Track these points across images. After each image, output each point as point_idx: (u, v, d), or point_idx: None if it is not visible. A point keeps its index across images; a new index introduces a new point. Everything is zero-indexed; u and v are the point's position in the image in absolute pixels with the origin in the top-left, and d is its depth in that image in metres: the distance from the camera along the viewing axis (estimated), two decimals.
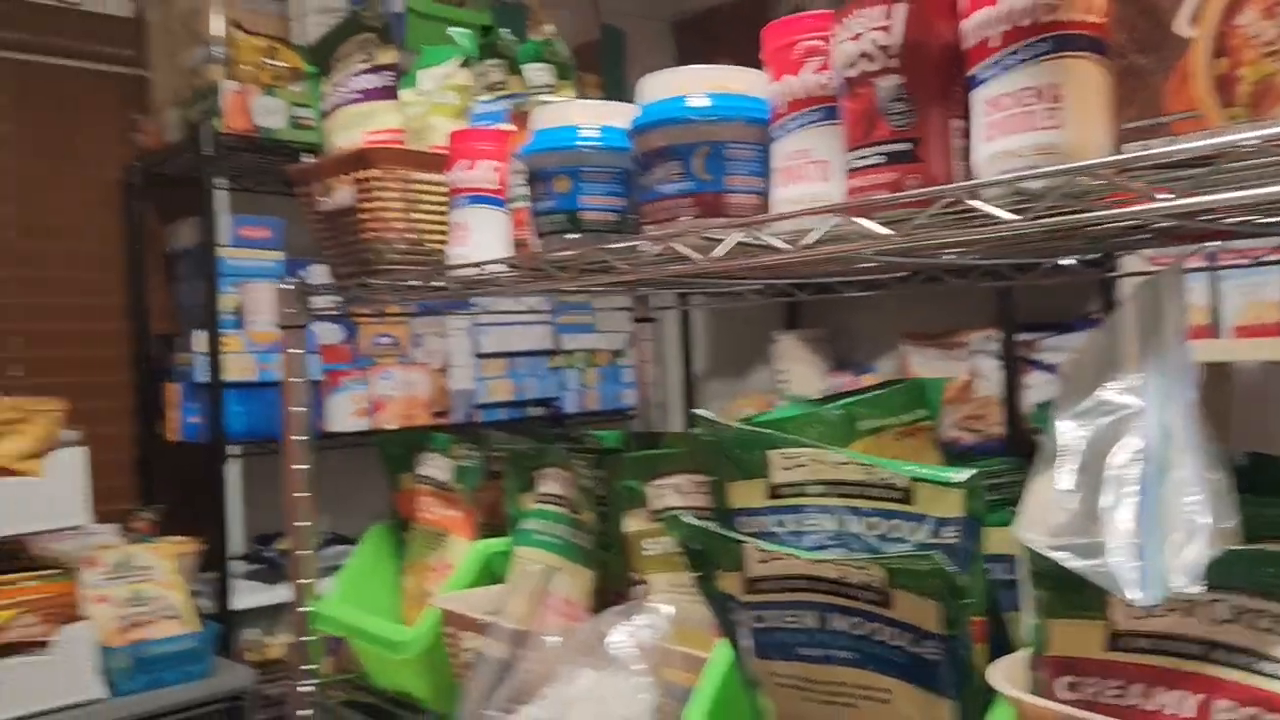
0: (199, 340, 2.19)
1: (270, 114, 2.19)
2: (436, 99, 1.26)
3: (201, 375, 2.18)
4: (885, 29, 0.67)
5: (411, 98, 1.29)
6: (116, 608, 1.94)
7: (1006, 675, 0.60)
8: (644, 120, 0.84)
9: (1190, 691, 0.54)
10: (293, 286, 1.25)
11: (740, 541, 0.69)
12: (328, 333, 2.42)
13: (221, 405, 2.16)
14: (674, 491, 0.96)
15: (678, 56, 3.08)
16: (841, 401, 0.81)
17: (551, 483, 1.11)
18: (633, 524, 0.99)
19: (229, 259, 2.23)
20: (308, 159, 1.34)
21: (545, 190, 0.94)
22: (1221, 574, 0.52)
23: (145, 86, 2.48)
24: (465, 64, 1.25)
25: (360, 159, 1.15)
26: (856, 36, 0.68)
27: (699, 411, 0.77)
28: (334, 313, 1.31)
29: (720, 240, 0.75)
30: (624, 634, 0.92)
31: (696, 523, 0.71)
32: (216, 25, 2.22)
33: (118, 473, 2.45)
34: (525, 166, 0.97)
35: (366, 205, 1.15)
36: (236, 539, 2.39)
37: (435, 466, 1.26)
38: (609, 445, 1.11)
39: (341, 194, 1.17)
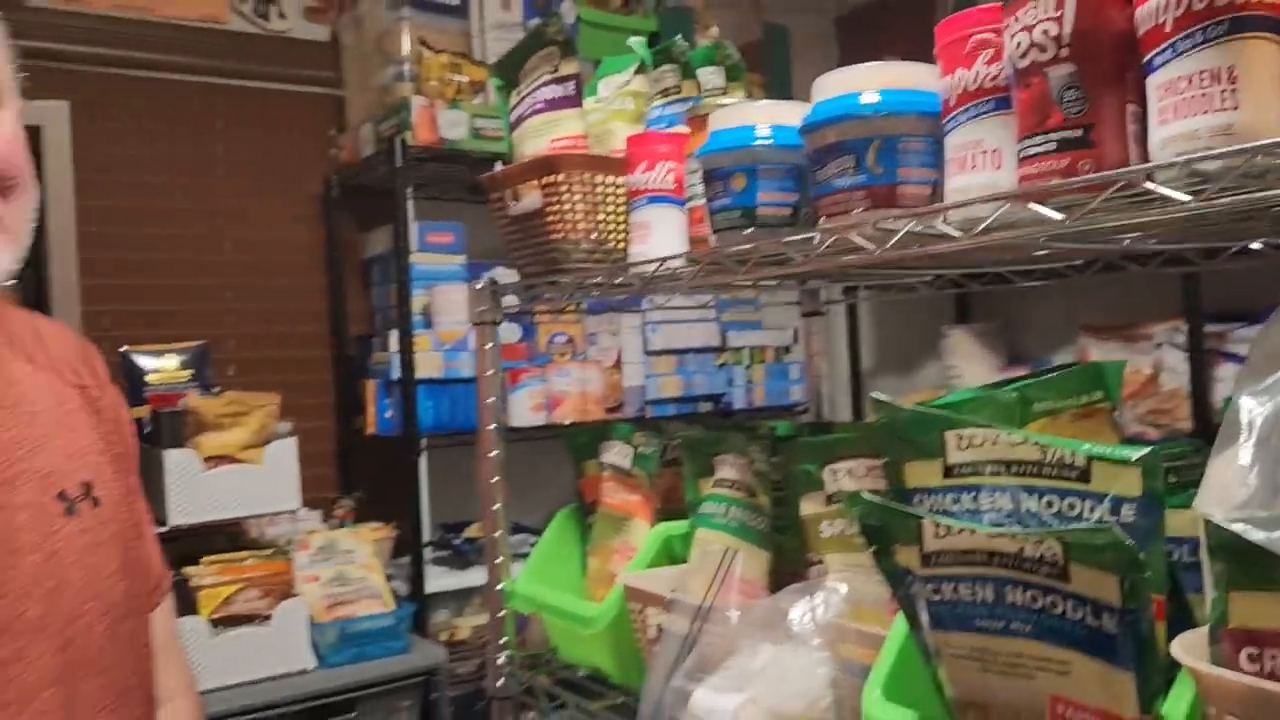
0: (392, 340, 2.35)
1: (454, 126, 2.32)
2: (615, 105, 1.34)
3: (395, 373, 2.34)
4: (1057, 19, 0.69)
5: (592, 105, 1.37)
6: (324, 587, 2.12)
7: (1188, 649, 0.61)
8: (817, 117, 0.88)
9: None
10: (485, 286, 1.34)
11: (918, 517, 0.72)
12: (508, 332, 2.55)
13: (413, 401, 2.31)
14: (849, 475, 1.00)
15: (841, 52, 3.08)
16: (1016, 384, 0.82)
17: (728, 468, 1.16)
18: (809, 507, 1.03)
19: (418, 263, 2.39)
20: (493, 167, 1.44)
21: (722, 188, 0.99)
22: None
23: (342, 106, 2.68)
24: (640, 70, 1.32)
25: (546, 165, 1.23)
26: (1028, 28, 0.70)
27: (876, 394, 0.81)
28: (519, 310, 1.40)
29: (893, 231, 0.79)
30: (802, 610, 0.96)
31: (875, 499, 0.74)
32: (406, 45, 2.38)
33: (320, 463, 2.65)
34: (702, 166, 1.02)
35: (553, 208, 1.23)
36: (428, 527, 2.55)
37: (617, 454, 1.34)
38: (782, 434, 1.15)
39: (529, 199, 1.26)
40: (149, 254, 2.44)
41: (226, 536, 2.13)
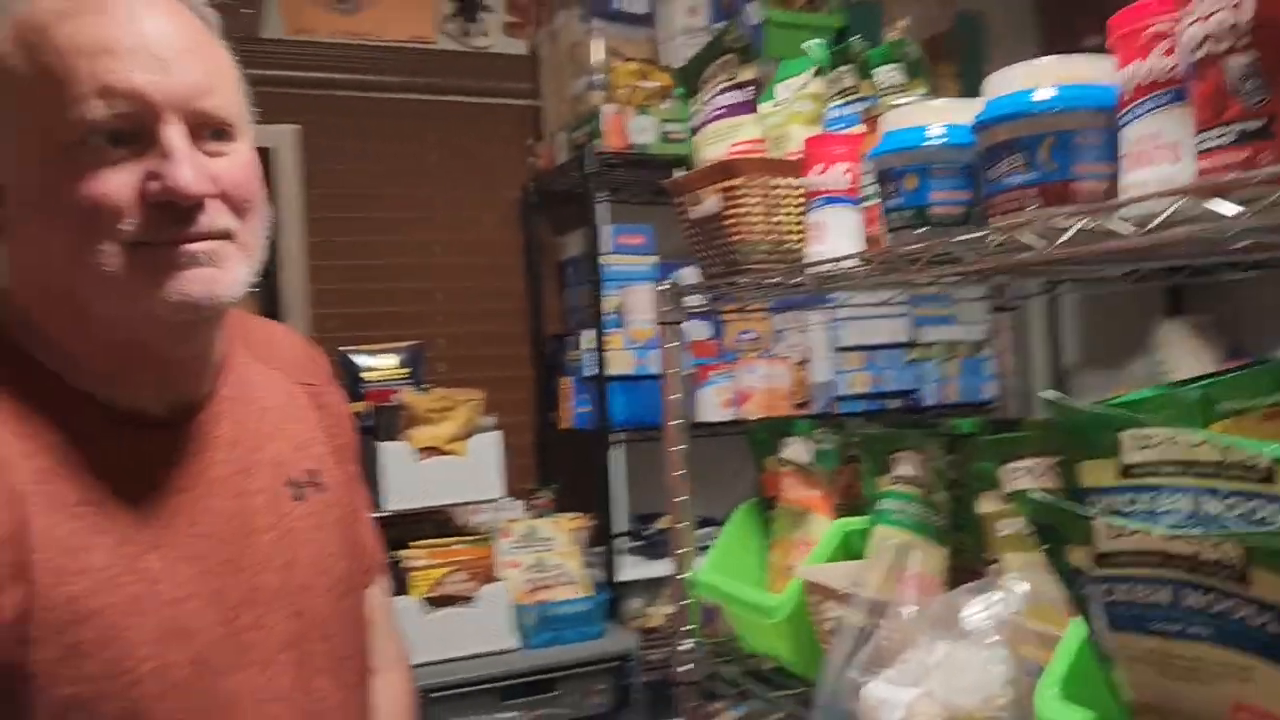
0: (586, 338, 2.45)
1: (643, 131, 2.40)
2: (793, 108, 1.36)
3: (589, 370, 2.44)
4: (1235, 8, 0.67)
5: (770, 109, 1.40)
6: (524, 572, 2.24)
7: None
8: (988, 116, 0.88)
9: None
10: (668, 287, 1.40)
11: (1089, 517, 0.71)
12: (697, 329, 2.61)
13: (606, 397, 2.40)
14: (1027, 474, 0.99)
15: (1044, 37, 2.96)
16: (1199, 383, 0.80)
17: (906, 465, 1.16)
18: (986, 505, 1.02)
19: (609, 265, 2.48)
20: (677, 171, 1.49)
21: (895, 188, 1.00)
22: None
23: (539, 116, 2.81)
24: (818, 73, 1.34)
25: (725, 170, 1.27)
26: (1204, 18, 0.69)
27: (1047, 394, 0.80)
28: (704, 309, 1.45)
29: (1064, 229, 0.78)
30: (978, 608, 0.96)
31: (1045, 498, 0.74)
32: (597, 54, 2.48)
33: (521, 455, 2.79)
34: (875, 167, 1.04)
35: (732, 211, 1.27)
36: (621, 518, 2.65)
37: (797, 450, 1.36)
38: (962, 431, 1.15)
39: (710, 202, 1.30)
40: (369, 260, 2.65)
41: (434, 523, 2.29)
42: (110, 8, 0.86)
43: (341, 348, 2.45)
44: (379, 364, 2.39)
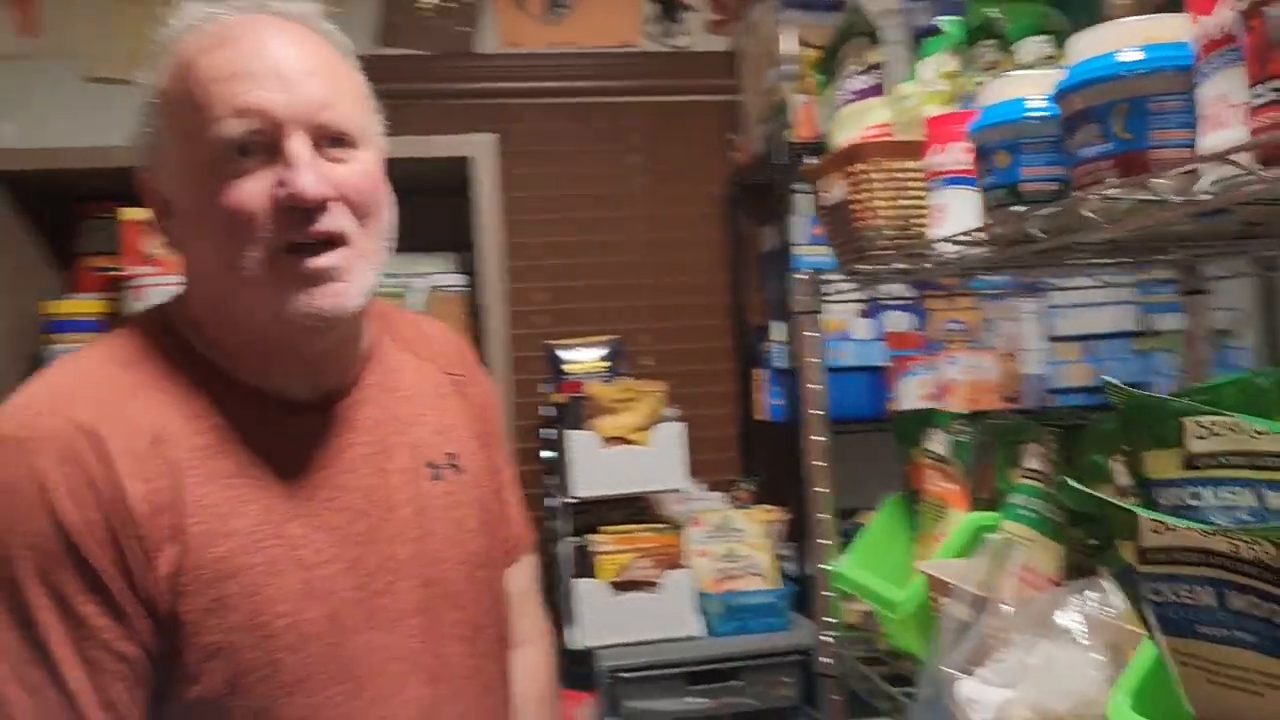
0: (777, 330, 2.45)
1: (829, 120, 2.36)
2: (931, 88, 1.32)
3: (780, 362, 2.44)
4: None
5: (911, 89, 1.36)
6: (714, 561, 2.28)
7: None
8: (1064, 85, 0.83)
9: None
10: (805, 277, 1.39)
11: (1129, 510, 0.66)
12: (898, 320, 2.54)
13: (797, 389, 2.39)
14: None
15: None
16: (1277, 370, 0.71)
17: (1033, 458, 1.10)
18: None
19: (804, 256, 2.46)
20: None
21: (988, 166, 0.96)
22: None
23: (739, 110, 2.83)
24: (957, 50, 1.29)
25: (848, 155, 1.25)
26: None
27: (1108, 378, 0.75)
28: (847, 299, 1.43)
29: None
30: (1076, 608, 0.91)
31: (1085, 489, 0.70)
32: (787, 44, 2.47)
33: (724, 448, 2.83)
34: (973, 144, 0.99)
35: (856, 197, 1.25)
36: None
37: (937, 442, 1.32)
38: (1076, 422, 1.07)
39: (836, 190, 1.28)
40: (570, 259, 2.78)
41: (629, 510, 2.36)
42: (244, 39, 0.98)
43: (547, 341, 2.60)
44: (581, 357, 2.51)
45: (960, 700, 0.94)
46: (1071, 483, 0.70)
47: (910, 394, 2.46)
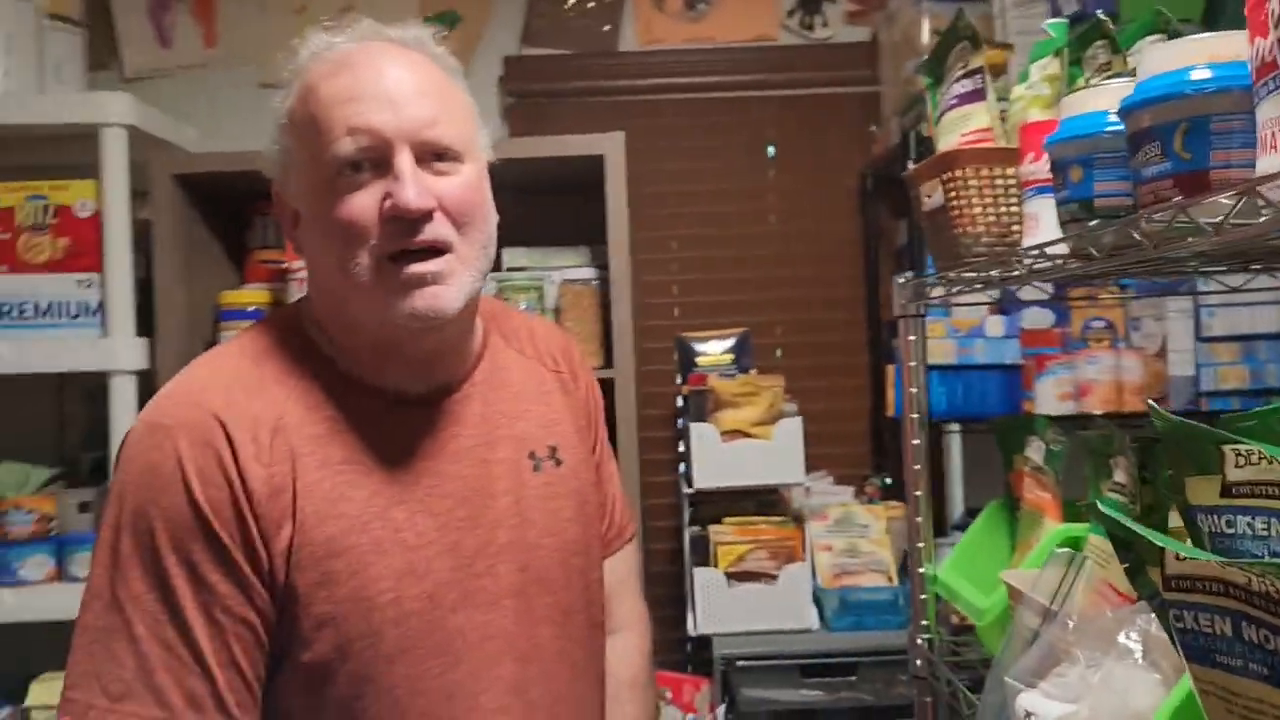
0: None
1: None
2: (1035, 91, 1.30)
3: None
4: None
5: (1020, 92, 1.34)
6: (834, 556, 2.29)
7: None
8: (1129, 101, 0.82)
9: None
10: (905, 280, 1.40)
11: (1151, 537, 0.66)
12: (1039, 317, 2.47)
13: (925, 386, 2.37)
14: None
15: None
16: None
17: (1121, 471, 1.09)
18: (1174, 516, 0.94)
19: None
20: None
21: (1063, 180, 0.95)
22: None
23: (878, 101, 2.80)
24: (1059, 53, 1.26)
25: (945, 162, 1.25)
26: None
27: (1151, 401, 0.74)
28: (941, 303, 1.42)
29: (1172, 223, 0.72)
30: (1140, 627, 0.90)
31: (1113, 513, 0.70)
32: (925, 35, 2.43)
33: (856, 443, 2.82)
34: (1051, 157, 0.99)
35: (953, 203, 1.25)
36: (955, 510, 2.59)
37: (1035, 449, 1.30)
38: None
39: (937, 195, 1.29)
40: (705, 252, 2.82)
41: (759, 503, 2.40)
42: (359, 64, 1.08)
43: (679, 334, 2.66)
44: (710, 349, 2.56)
45: (1019, 711, 0.94)
46: (1100, 505, 0.71)
47: (1048, 394, 2.39)
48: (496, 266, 2.51)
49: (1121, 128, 0.90)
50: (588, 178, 2.25)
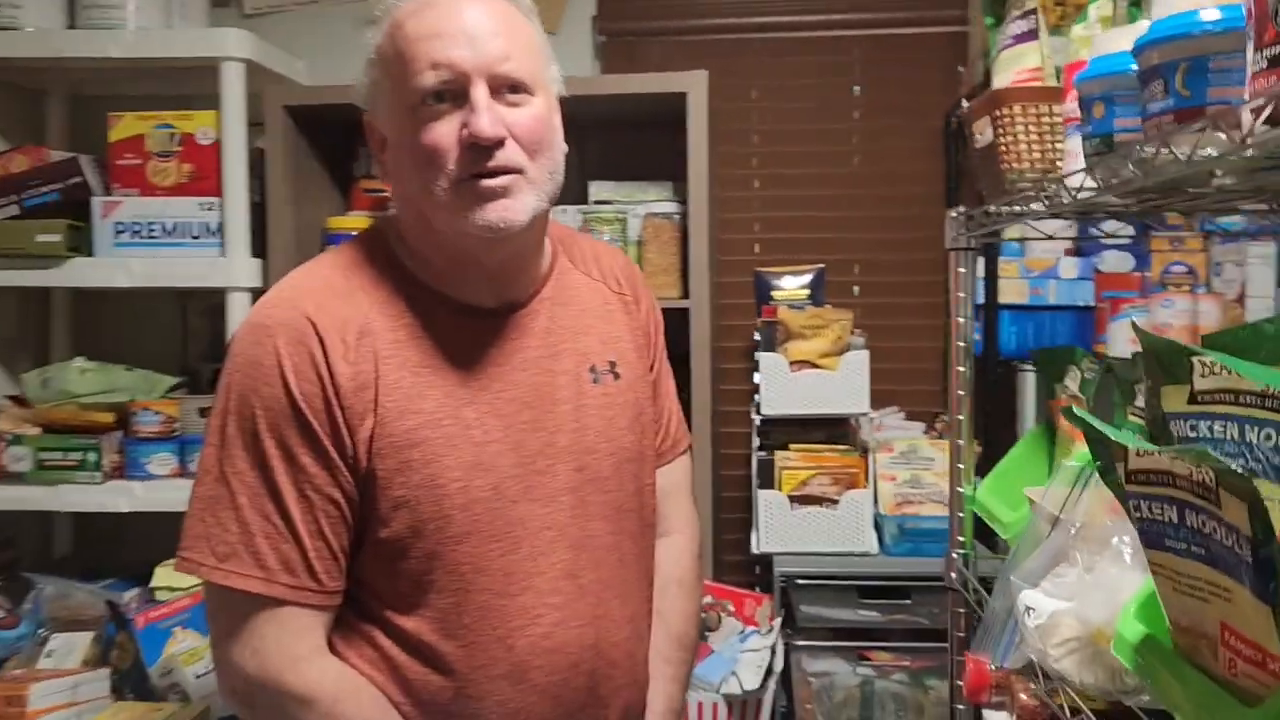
0: (980, 265, 2.46)
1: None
2: (1090, 32, 1.33)
3: (979, 297, 2.45)
4: None
5: (1077, 33, 1.38)
6: (897, 486, 2.37)
7: None
8: (1141, 41, 0.88)
9: None
10: (957, 215, 1.46)
11: (1114, 437, 0.74)
12: (1119, 261, 2.48)
13: (994, 325, 2.41)
14: None
15: None
16: None
17: (1141, 397, 1.15)
18: None
19: None
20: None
21: (1088, 116, 1.01)
22: None
23: (966, 41, 2.80)
24: None
25: (995, 100, 1.30)
26: None
27: (1134, 319, 0.81)
28: (988, 238, 1.48)
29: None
30: (1132, 532, 0.97)
31: (1083, 416, 0.77)
32: None
33: (930, 380, 2.87)
34: (1079, 94, 1.04)
35: (1001, 140, 1.30)
36: None
37: (1072, 378, 1.36)
38: None
39: (985, 133, 1.34)
40: (787, 191, 2.88)
41: (830, 433, 2.49)
42: (442, 4, 1.19)
43: (757, 269, 2.73)
44: (786, 284, 2.63)
45: (1022, 606, 1.03)
46: (1076, 410, 0.78)
47: (1121, 336, 2.40)
48: (583, 198, 2.63)
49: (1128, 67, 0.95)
50: (673, 114, 2.33)
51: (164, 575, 2.44)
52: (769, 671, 2.09)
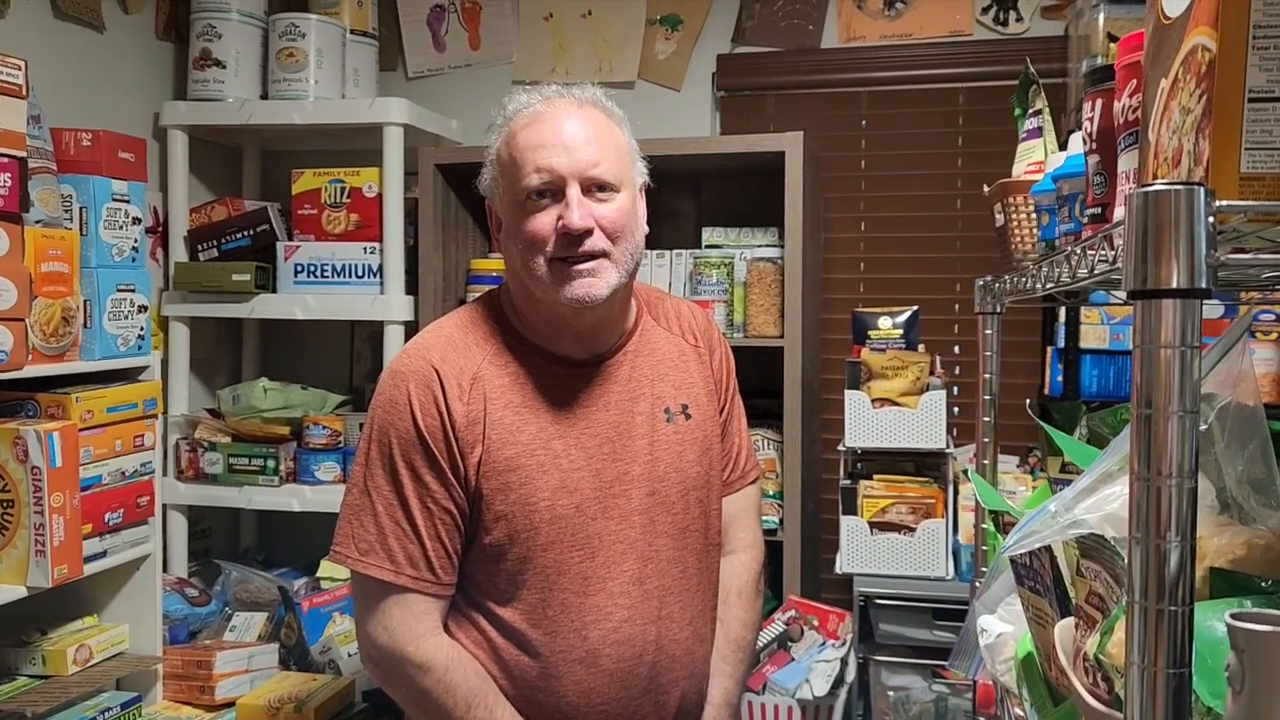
0: (1062, 312, 2.60)
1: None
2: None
3: (1062, 341, 2.59)
4: (1089, 120, 0.87)
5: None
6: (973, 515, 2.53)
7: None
8: (1053, 174, 1.09)
9: None
10: (984, 282, 1.66)
11: (990, 497, 0.96)
12: (1209, 309, 2.57)
13: (1075, 368, 2.55)
14: None
15: None
16: None
17: None
18: None
19: None
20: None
21: (1039, 222, 1.22)
22: None
23: (1065, 93, 2.93)
24: None
25: (1003, 189, 1.51)
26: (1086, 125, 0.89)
27: (1029, 399, 1.03)
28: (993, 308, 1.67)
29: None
30: None
31: (976, 480, 1.00)
32: (1102, 35, 2.56)
33: (1025, 415, 3.00)
34: (1034, 204, 1.25)
35: (1009, 223, 1.51)
36: None
37: (1080, 430, 1.55)
38: None
39: (999, 215, 1.55)
40: (889, 233, 3.08)
41: (918, 465, 2.67)
42: (546, 118, 1.50)
43: (854, 310, 2.95)
44: (883, 324, 2.83)
45: (978, 629, 1.24)
46: (971, 471, 1.00)
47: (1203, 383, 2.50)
48: (697, 242, 2.91)
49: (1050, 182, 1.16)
50: (780, 166, 2.59)
51: (328, 567, 2.86)
52: (840, 681, 2.31)
